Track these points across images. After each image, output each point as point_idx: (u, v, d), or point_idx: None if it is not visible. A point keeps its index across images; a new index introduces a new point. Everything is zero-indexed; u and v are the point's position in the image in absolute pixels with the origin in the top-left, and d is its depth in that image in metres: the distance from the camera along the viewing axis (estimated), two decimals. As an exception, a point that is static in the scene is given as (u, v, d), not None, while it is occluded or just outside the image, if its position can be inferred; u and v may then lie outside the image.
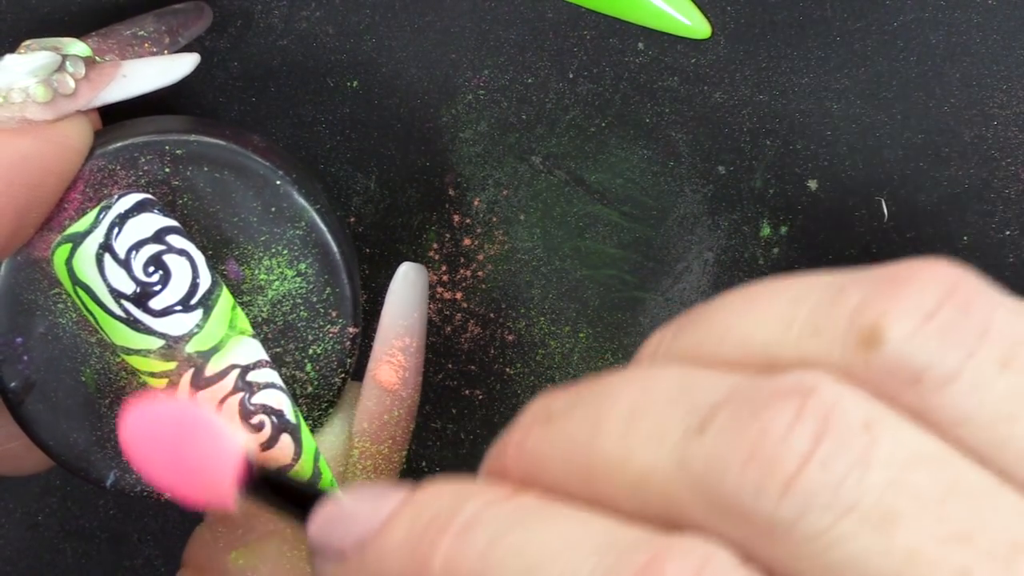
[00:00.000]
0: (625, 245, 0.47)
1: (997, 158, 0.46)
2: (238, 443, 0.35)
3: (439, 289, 0.48)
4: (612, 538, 0.28)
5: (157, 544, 0.49)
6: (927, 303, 0.28)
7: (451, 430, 0.49)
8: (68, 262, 0.38)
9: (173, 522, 0.44)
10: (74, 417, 0.41)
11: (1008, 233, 0.46)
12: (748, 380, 0.28)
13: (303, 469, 0.39)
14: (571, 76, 0.47)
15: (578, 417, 0.29)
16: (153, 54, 0.44)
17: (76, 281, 0.38)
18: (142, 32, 0.43)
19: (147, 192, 0.39)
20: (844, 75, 0.46)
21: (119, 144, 0.40)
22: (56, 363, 0.40)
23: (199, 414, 0.35)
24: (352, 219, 0.48)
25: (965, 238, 0.46)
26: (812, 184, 0.47)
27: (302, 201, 0.40)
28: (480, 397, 0.48)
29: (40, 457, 0.42)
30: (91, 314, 0.39)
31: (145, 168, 0.40)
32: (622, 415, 0.29)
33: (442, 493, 0.30)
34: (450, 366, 0.48)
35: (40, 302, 0.40)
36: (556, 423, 0.30)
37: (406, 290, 0.43)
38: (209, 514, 0.42)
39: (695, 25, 0.45)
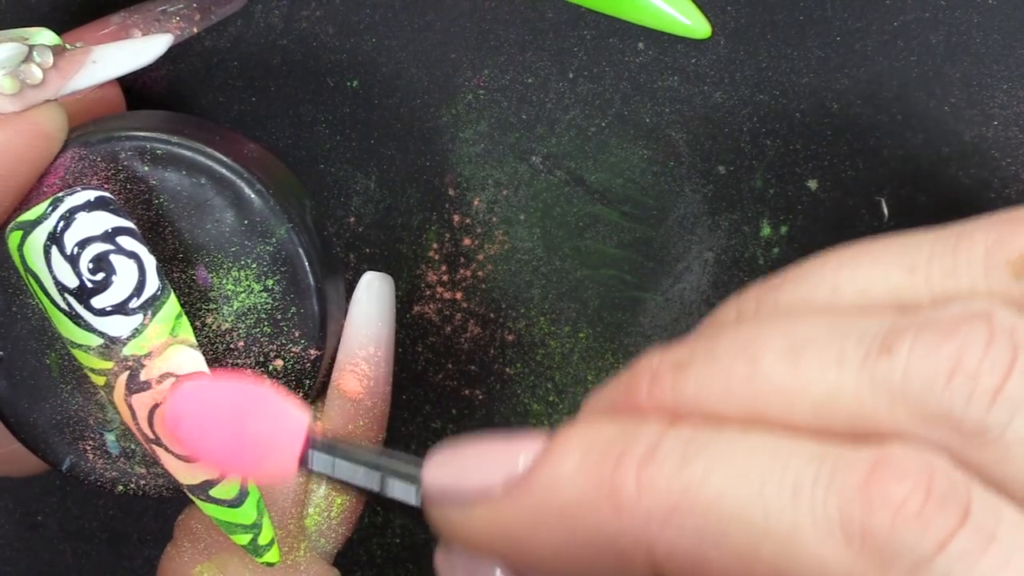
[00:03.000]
0: (625, 245, 0.47)
1: (997, 158, 0.46)
2: (299, 418, 0.35)
3: (439, 289, 0.48)
4: (820, 448, 0.29)
5: (157, 544, 0.49)
6: None
7: (451, 430, 0.49)
8: (20, 248, 0.38)
9: (173, 523, 0.44)
10: (36, 398, 0.41)
11: (1008, 233, 0.46)
12: (911, 313, 0.30)
13: (230, 486, 0.39)
14: (571, 76, 0.47)
15: (727, 356, 0.31)
16: (182, 30, 0.44)
17: (27, 268, 0.38)
18: (171, 8, 0.43)
19: (125, 187, 0.40)
20: (844, 75, 0.46)
21: (103, 136, 0.40)
22: (23, 342, 0.40)
23: (258, 390, 0.35)
24: (352, 219, 0.48)
25: (965, 238, 0.46)
26: (812, 184, 0.47)
27: (276, 217, 0.40)
28: (480, 397, 0.48)
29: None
30: (40, 302, 0.39)
31: (125, 163, 0.40)
32: (781, 349, 0.30)
33: (600, 427, 0.31)
34: (450, 366, 0.48)
35: (13, 280, 0.40)
36: (697, 366, 0.31)
37: (370, 300, 0.43)
38: (176, 531, 0.43)
39: (695, 25, 0.45)
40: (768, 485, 0.29)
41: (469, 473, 0.33)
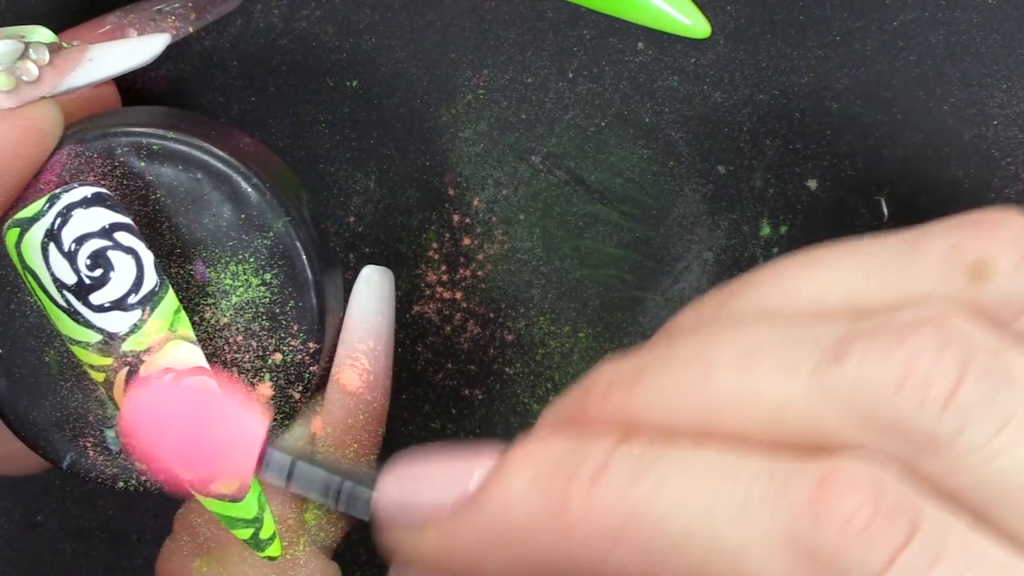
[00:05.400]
0: (625, 245, 0.47)
1: (997, 158, 0.46)
2: (257, 426, 0.35)
3: (439, 289, 0.48)
4: (767, 464, 0.29)
5: (156, 544, 0.49)
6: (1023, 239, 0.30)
7: (451, 430, 0.49)
8: (17, 245, 0.38)
9: (172, 521, 0.44)
10: (36, 395, 0.41)
11: (1008, 233, 0.46)
12: (865, 318, 0.30)
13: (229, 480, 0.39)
14: (571, 76, 0.47)
15: (679, 367, 0.31)
16: (178, 29, 0.44)
17: (24, 265, 0.38)
18: (167, 8, 0.44)
19: (121, 183, 0.40)
20: (844, 75, 0.46)
21: (99, 133, 0.40)
22: (22, 340, 0.40)
23: (215, 397, 0.35)
24: (352, 219, 0.48)
25: (965, 238, 0.46)
26: (812, 184, 0.47)
27: (273, 211, 0.40)
28: (480, 397, 0.48)
29: (40, 458, 0.42)
30: (39, 299, 0.39)
31: (121, 159, 0.40)
32: (734, 358, 0.30)
33: (551, 444, 0.31)
34: (450, 366, 0.48)
35: (10, 278, 0.40)
36: (649, 377, 0.31)
37: (370, 293, 0.43)
38: (175, 525, 0.43)
39: (695, 25, 0.45)
40: (716, 502, 0.29)
41: (420, 492, 0.32)
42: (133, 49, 0.39)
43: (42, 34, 0.39)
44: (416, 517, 0.32)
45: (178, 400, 0.36)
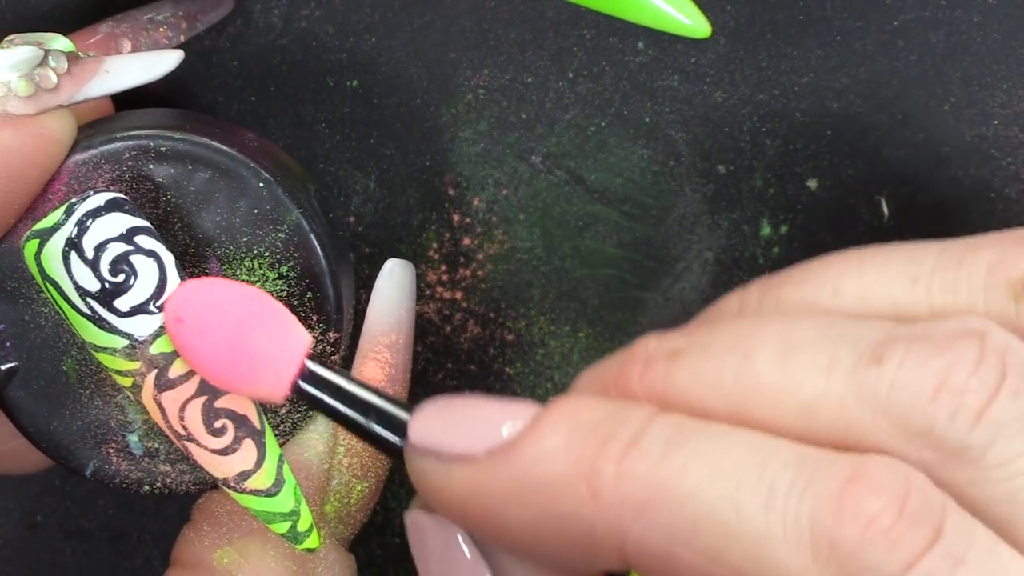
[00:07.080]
0: (625, 245, 0.47)
1: (997, 158, 0.46)
2: (301, 339, 0.35)
3: (439, 289, 0.48)
4: (799, 454, 0.29)
5: (157, 544, 0.49)
6: None
7: (451, 430, 0.49)
8: (37, 257, 0.38)
9: (172, 522, 0.44)
10: (55, 405, 0.41)
11: (1008, 233, 0.46)
12: (907, 324, 0.30)
13: (266, 475, 0.39)
14: (571, 75, 0.47)
15: (720, 351, 0.31)
16: (169, 39, 0.44)
17: (45, 276, 0.39)
18: (159, 16, 0.44)
19: (131, 187, 0.40)
20: (844, 75, 0.46)
21: (105, 138, 0.40)
22: (38, 351, 0.40)
23: (266, 303, 0.35)
24: (352, 219, 0.48)
25: (965, 238, 0.46)
26: (812, 184, 0.47)
27: (285, 204, 0.40)
28: (480, 397, 0.48)
29: (41, 456, 0.42)
30: (60, 309, 0.39)
31: (130, 164, 0.40)
32: (775, 349, 0.30)
33: (593, 405, 0.31)
34: (450, 366, 0.48)
35: (23, 290, 0.40)
36: (690, 357, 0.31)
37: (392, 286, 0.44)
38: (195, 514, 0.43)
39: (695, 25, 0.45)
40: (744, 485, 0.29)
41: (455, 431, 0.32)
42: (148, 64, 0.39)
43: (62, 43, 0.39)
44: (448, 452, 0.32)
45: (229, 296, 0.36)
